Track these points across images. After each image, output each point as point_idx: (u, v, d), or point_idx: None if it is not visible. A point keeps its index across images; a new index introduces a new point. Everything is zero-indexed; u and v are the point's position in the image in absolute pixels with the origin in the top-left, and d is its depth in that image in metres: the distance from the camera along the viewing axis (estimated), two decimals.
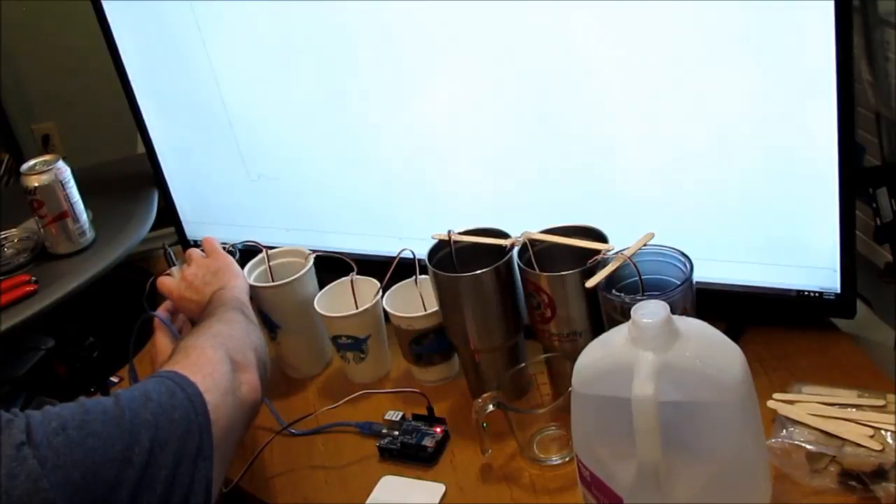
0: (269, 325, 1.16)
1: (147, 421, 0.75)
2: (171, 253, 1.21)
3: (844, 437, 0.86)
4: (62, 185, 1.27)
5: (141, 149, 1.44)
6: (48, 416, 0.72)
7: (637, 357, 0.73)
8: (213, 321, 0.97)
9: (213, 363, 0.86)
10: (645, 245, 0.92)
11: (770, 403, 0.92)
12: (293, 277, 1.14)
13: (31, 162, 1.29)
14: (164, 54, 1.30)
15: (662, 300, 0.75)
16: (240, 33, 1.21)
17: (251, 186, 1.33)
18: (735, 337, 0.84)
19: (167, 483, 0.74)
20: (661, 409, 0.71)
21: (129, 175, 1.53)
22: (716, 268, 1.02)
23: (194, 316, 1.07)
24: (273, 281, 1.18)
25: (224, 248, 1.17)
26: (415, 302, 1.12)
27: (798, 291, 1.01)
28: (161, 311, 1.09)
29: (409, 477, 0.99)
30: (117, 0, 1.29)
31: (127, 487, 0.71)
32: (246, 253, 1.21)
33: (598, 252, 0.93)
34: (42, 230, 1.30)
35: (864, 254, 1.06)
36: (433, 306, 1.06)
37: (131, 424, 0.74)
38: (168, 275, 1.14)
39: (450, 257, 1.03)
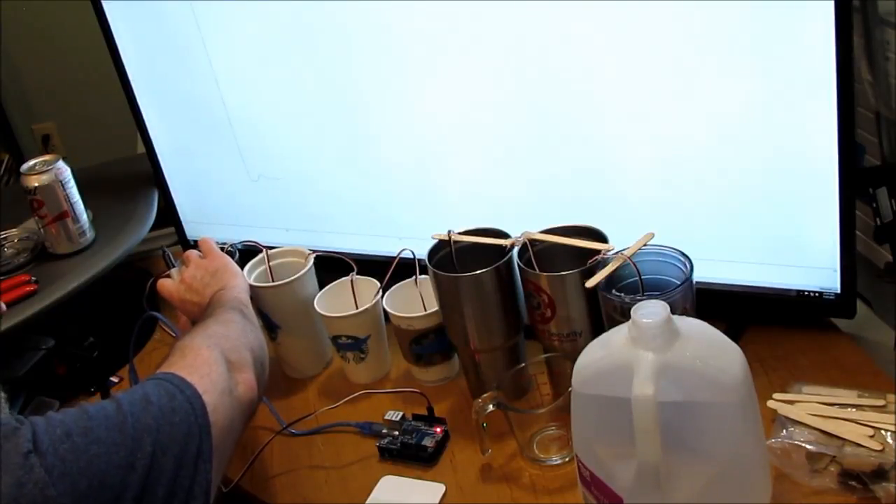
0: (269, 325, 1.16)
1: (149, 426, 0.75)
2: (170, 255, 1.21)
3: (844, 437, 0.86)
4: (62, 185, 1.27)
5: (141, 149, 1.45)
6: (52, 423, 0.71)
7: (637, 357, 0.73)
8: (211, 322, 0.97)
9: (210, 363, 0.86)
10: (645, 245, 0.92)
11: (770, 403, 0.92)
12: (293, 277, 1.14)
13: (31, 162, 1.29)
14: (164, 54, 1.30)
15: (662, 300, 0.75)
16: (240, 33, 1.21)
17: (251, 186, 1.33)
18: (735, 337, 0.84)
19: (168, 487, 0.74)
20: (661, 409, 0.71)
21: (129, 175, 1.53)
22: (716, 268, 1.02)
23: (196, 317, 1.07)
24: (273, 281, 1.18)
25: (223, 249, 1.17)
26: (415, 302, 1.12)
27: (798, 291, 1.01)
28: (182, 328, 1.09)
29: (409, 477, 0.99)
30: (117, 0, 1.29)
31: (131, 492, 0.71)
32: (246, 253, 1.21)
33: (598, 252, 0.93)
34: (42, 230, 1.30)
35: (864, 254, 1.06)
36: (433, 306, 1.06)
37: (134, 430, 0.74)
38: (167, 276, 1.14)
39: (450, 257, 1.03)
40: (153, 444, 0.74)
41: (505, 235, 1.00)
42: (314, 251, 1.18)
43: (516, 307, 1.01)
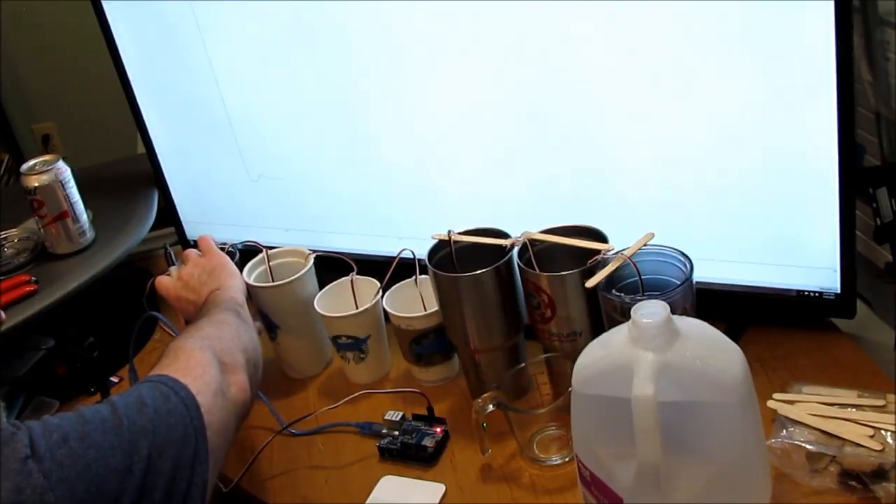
0: (269, 325, 1.16)
1: (145, 428, 0.74)
2: (172, 253, 1.21)
3: (844, 437, 0.86)
4: (62, 185, 1.27)
5: (141, 149, 1.44)
6: (49, 428, 0.71)
7: (637, 357, 0.73)
8: (204, 322, 0.97)
9: (203, 365, 0.85)
10: (645, 245, 0.92)
11: (770, 403, 0.92)
12: (293, 277, 1.14)
13: (31, 162, 1.28)
14: (164, 54, 1.30)
15: (662, 300, 0.75)
16: (240, 33, 1.21)
17: (251, 186, 1.33)
18: (735, 337, 0.84)
19: (166, 489, 0.73)
20: (661, 409, 0.71)
21: (129, 175, 1.53)
22: (716, 268, 1.02)
23: (191, 316, 1.07)
24: (273, 281, 1.18)
25: (223, 248, 1.17)
26: (415, 302, 1.12)
27: (798, 291, 1.01)
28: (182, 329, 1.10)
29: (409, 477, 0.99)
30: (117, 0, 1.29)
31: (129, 496, 0.71)
32: (246, 253, 1.21)
33: (598, 252, 0.93)
34: (42, 230, 1.30)
35: (864, 254, 1.06)
36: (433, 306, 1.06)
37: (130, 433, 0.73)
38: (167, 275, 1.14)
39: (450, 257, 1.03)
40: (149, 447, 0.73)
41: (505, 235, 1.00)
42: (314, 251, 1.18)
43: (516, 307, 1.01)
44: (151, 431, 0.74)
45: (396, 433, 1.03)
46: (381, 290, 1.12)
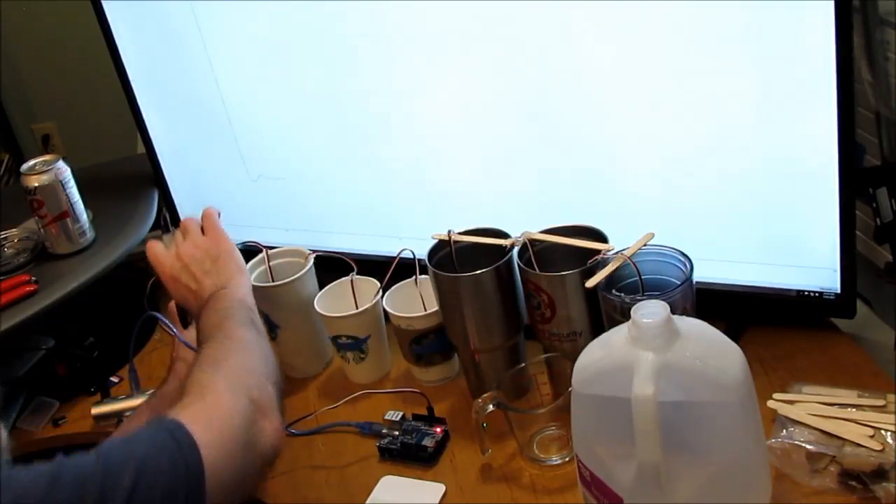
0: (269, 325, 1.16)
1: (123, 486, 0.67)
2: (168, 218, 1.17)
3: (844, 437, 0.86)
4: (62, 185, 1.27)
5: (141, 149, 1.45)
6: (12, 486, 0.64)
7: (637, 357, 0.73)
8: (226, 346, 0.88)
9: (231, 415, 0.77)
10: (645, 245, 0.92)
11: (770, 403, 0.92)
12: (293, 277, 1.14)
13: (31, 162, 1.28)
14: (164, 54, 1.30)
15: (662, 300, 0.75)
16: (240, 33, 1.21)
17: (251, 186, 1.33)
18: (735, 337, 0.84)
19: None
20: (661, 409, 0.71)
21: (129, 175, 1.53)
22: (716, 268, 1.02)
23: (187, 304, 1.03)
24: (273, 281, 1.18)
25: None
26: (415, 302, 1.12)
27: (798, 291, 1.01)
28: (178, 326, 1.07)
29: (409, 477, 0.99)
30: (117, 0, 1.29)
31: None
32: (246, 253, 1.21)
33: (598, 252, 0.93)
34: (42, 230, 1.30)
35: (864, 254, 1.06)
36: (433, 306, 1.06)
37: (102, 489, 0.66)
38: (158, 239, 1.08)
39: (450, 257, 1.03)
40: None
41: (505, 235, 1.00)
42: (314, 251, 1.18)
43: (516, 307, 1.01)
44: (130, 489, 0.67)
45: (396, 433, 1.03)
46: (381, 290, 1.12)
